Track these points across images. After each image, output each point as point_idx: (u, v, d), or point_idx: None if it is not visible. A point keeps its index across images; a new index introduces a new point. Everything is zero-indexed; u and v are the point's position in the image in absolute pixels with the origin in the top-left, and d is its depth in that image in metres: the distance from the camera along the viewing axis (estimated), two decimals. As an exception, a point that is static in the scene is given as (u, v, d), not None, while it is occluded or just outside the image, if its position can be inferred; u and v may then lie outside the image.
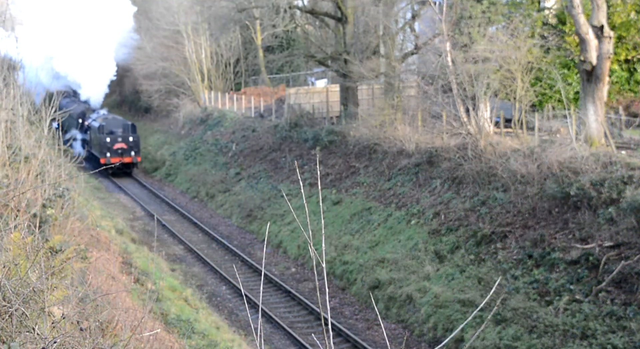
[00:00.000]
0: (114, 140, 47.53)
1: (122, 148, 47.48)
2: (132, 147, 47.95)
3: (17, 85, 14.27)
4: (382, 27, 38.56)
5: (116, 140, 47.53)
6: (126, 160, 47.63)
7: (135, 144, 48.25)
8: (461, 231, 24.93)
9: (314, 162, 36.57)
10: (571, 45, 31.76)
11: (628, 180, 21.09)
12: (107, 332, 7.57)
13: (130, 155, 47.82)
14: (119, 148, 47.47)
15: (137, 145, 48.39)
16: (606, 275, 19.29)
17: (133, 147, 48.05)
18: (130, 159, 47.87)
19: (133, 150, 48.00)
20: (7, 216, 9.29)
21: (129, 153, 47.76)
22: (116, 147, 47.47)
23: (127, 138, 47.86)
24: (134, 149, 48.04)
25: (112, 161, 46.37)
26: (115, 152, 47.30)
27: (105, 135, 47.68)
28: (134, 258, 21.44)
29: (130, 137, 48.01)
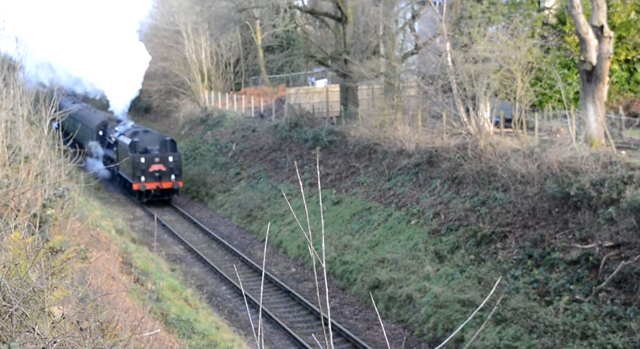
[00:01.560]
0: (150, 160, 39.13)
1: (160, 170, 39.16)
2: (172, 169, 39.37)
3: (17, 85, 14.27)
4: (382, 27, 38.56)
5: (153, 161, 39.15)
6: (165, 185, 39.23)
7: (176, 165, 39.64)
8: (461, 231, 24.93)
9: (314, 162, 36.57)
10: (571, 45, 31.76)
11: (628, 180, 21.09)
12: (107, 332, 7.57)
13: (169, 179, 39.24)
14: (156, 171, 39.16)
15: (178, 166, 39.75)
16: (606, 275, 19.29)
17: (173, 169, 39.41)
18: (170, 184, 39.23)
19: (173, 172, 39.37)
20: (7, 216, 9.29)
21: (168, 177, 39.21)
22: (153, 169, 39.08)
23: (166, 158, 39.41)
24: (174, 171, 39.42)
25: (147, 187, 38.87)
26: (152, 175, 39.07)
27: (139, 154, 39.39)
28: (134, 258, 21.44)
29: (170, 156, 39.49)
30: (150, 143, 39.96)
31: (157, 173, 39.11)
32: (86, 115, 53.24)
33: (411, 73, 38.80)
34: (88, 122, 50.76)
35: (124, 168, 41.07)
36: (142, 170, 38.91)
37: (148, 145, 39.77)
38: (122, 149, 41.34)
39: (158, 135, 41.85)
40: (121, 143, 41.83)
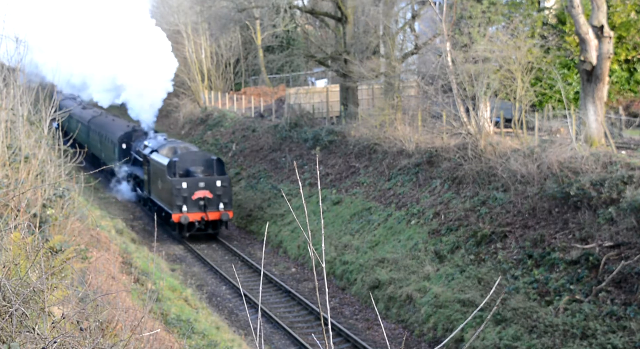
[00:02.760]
0: (193, 185, 32.14)
1: (206, 198, 32.12)
2: (220, 196, 32.27)
3: (17, 85, 14.27)
4: (382, 27, 38.57)
5: (197, 186, 32.20)
6: (212, 216, 32.13)
7: (225, 192, 32.52)
8: (461, 231, 24.93)
9: (314, 162, 36.57)
10: (571, 45, 31.77)
11: (628, 180, 21.09)
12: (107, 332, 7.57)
13: (217, 209, 32.26)
14: (200, 199, 32.19)
15: (227, 192, 32.64)
16: (606, 275, 19.29)
17: (222, 195, 32.32)
18: (218, 215, 32.24)
19: (222, 200, 32.27)
20: (7, 216, 9.29)
21: (215, 206, 32.21)
22: (197, 197, 32.13)
23: (212, 183, 32.30)
24: (222, 199, 32.32)
25: (191, 218, 32.00)
26: (196, 204, 32.13)
27: (180, 177, 32.58)
28: (134, 258, 21.44)
29: (217, 180, 32.40)
30: (192, 164, 33.16)
31: (202, 201, 32.06)
32: (104, 125, 46.83)
33: (411, 73, 38.81)
34: (107, 133, 44.65)
35: (158, 193, 34.30)
36: (183, 198, 31.91)
37: (190, 166, 32.99)
38: (157, 170, 34.20)
39: (201, 154, 34.70)
40: (155, 163, 34.52)
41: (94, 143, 48.10)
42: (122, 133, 42.21)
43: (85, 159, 54.37)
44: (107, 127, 46.02)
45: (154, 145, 36.35)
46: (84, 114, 52.46)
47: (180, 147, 35.55)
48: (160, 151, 34.93)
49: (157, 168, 34.21)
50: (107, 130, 45.24)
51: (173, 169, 32.62)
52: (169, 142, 36.82)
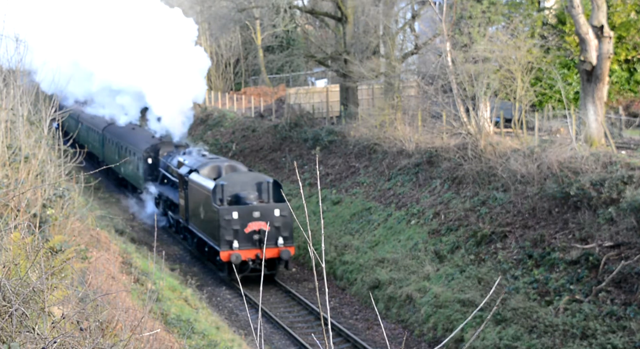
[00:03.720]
0: (246, 215, 25.83)
1: (262, 231, 25.86)
2: (278, 229, 26.06)
3: (17, 85, 14.27)
4: (382, 27, 38.59)
5: (250, 216, 25.86)
6: (269, 253, 26.15)
7: (286, 223, 26.17)
8: (461, 231, 24.93)
9: (314, 162, 36.57)
10: (571, 45, 31.77)
11: (628, 180, 21.09)
12: (107, 332, 7.57)
13: (275, 244, 26.00)
14: (255, 232, 25.83)
15: (287, 224, 26.24)
16: (606, 275, 19.29)
17: (281, 228, 26.09)
18: (277, 252, 25.93)
19: (281, 234, 26.09)
20: (7, 216, 9.29)
21: (273, 241, 26.00)
22: (251, 230, 25.80)
23: (269, 212, 26.02)
24: (282, 232, 26.12)
25: (243, 257, 25.52)
26: (249, 238, 25.78)
27: (229, 205, 26.36)
28: (134, 258, 21.44)
29: (275, 208, 26.16)
30: (243, 187, 26.80)
31: (257, 235, 25.82)
32: (122, 135, 40.97)
33: (411, 73, 38.82)
34: (128, 145, 38.82)
35: (200, 222, 28.10)
36: (234, 231, 25.64)
37: (240, 191, 26.65)
38: (198, 194, 28.03)
39: (253, 175, 28.12)
40: (196, 186, 28.32)
41: (110, 156, 42.93)
42: (147, 145, 36.11)
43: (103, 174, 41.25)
44: (127, 137, 39.95)
45: (192, 163, 30.00)
46: (97, 121, 46.48)
47: (225, 165, 28.86)
48: (201, 171, 28.48)
49: (198, 193, 27.91)
50: (128, 141, 39.26)
51: (220, 195, 26.32)
52: (210, 159, 30.20)
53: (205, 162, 29.56)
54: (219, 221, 25.74)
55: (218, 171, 28.72)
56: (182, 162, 31.50)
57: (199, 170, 28.73)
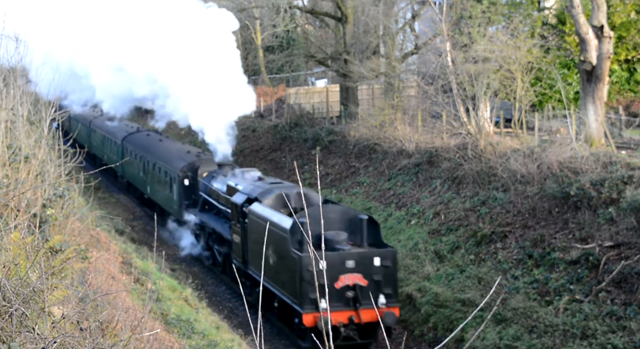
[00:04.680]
0: (336, 265, 19.19)
1: (358, 286, 19.42)
2: (378, 284, 19.58)
3: (17, 85, 14.27)
4: (382, 27, 38.60)
5: (342, 267, 19.32)
6: (367, 316, 19.35)
7: (388, 275, 19.79)
8: (461, 231, 24.94)
9: (314, 162, 36.57)
10: (571, 45, 31.77)
11: (628, 180, 21.09)
12: (107, 332, 7.57)
13: (376, 305, 19.69)
14: (349, 288, 19.44)
15: (391, 277, 19.91)
16: (606, 275, 19.29)
17: (382, 282, 19.62)
18: (378, 314, 19.32)
19: (382, 290, 19.58)
20: (7, 216, 9.29)
21: (367, 299, 19.32)
22: (342, 284, 19.38)
23: (367, 262, 19.52)
24: (383, 288, 19.62)
25: (334, 320, 19.03)
26: (341, 296, 19.31)
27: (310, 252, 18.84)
28: (134, 258, 21.44)
29: (375, 256, 19.60)
30: (329, 226, 19.87)
31: (351, 291, 19.32)
32: (149, 147, 35.29)
33: (411, 73, 38.82)
34: (158, 160, 33.00)
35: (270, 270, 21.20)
36: (320, 286, 17.76)
37: (327, 231, 19.75)
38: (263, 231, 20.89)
39: (341, 209, 20.99)
40: (259, 220, 21.50)
41: (133, 171, 37.94)
42: (183, 163, 30.07)
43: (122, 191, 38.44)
44: (154, 151, 34.27)
45: (249, 189, 23.50)
46: (114, 128, 41.68)
47: (294, 194, 21.89)
48: (264, 200, 21.93)
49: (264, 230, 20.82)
50: (156, 156, 33.44)
51: (300, 236, 19.26)
52: (272, 184, 23.72)
53: (267, 188, 22.99)
54: (301, 273, 18.99)
55: (286, 201, 21.80)
56: (233, 186, 25.13)
57: (261, 199, 21.98)
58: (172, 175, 30.88)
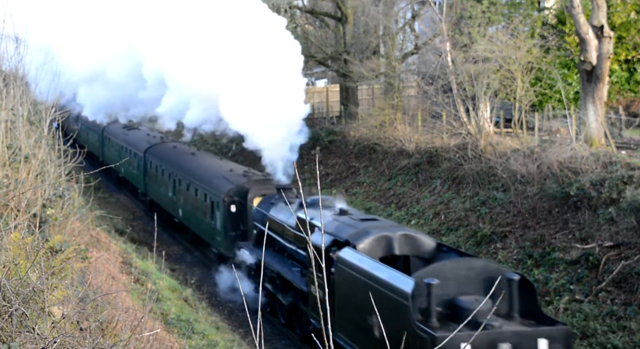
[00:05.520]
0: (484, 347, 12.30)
1: None
2: None
3: (17, 85, 14.27)
4: (382, 27, 38.60)
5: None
6: None
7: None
8: (461, 231, 24.94)
9: (313, 162, 36.57)
10: (571, 45, 31.77)
11: (628, 180, 21.09)
12: (107, 332, 7.58)
13: None
14: None
15: None
16: (606, 275, 19.29)
17: None
18: None
19: None
20: (7, 216, 9.29)
21: None
22: None
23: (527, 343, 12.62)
24: None
25: None
26: None
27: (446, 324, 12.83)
28: (134, 258, 21.44)
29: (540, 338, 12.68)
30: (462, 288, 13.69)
31: None
32: (182, 164, 29.87)
33: (411, 73, 38.82)
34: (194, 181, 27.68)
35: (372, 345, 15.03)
36: None
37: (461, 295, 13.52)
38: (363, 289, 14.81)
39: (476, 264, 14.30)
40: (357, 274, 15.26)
41: (158, 190, 32.61)
42: (230, 186, 24.62)
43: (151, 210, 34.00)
44: (188, 168, 28.94)
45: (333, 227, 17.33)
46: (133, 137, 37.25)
47: (398, 236, 15.98)
48: (359, 244, 15.91)
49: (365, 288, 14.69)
50: (192, 174, 28.11)
51: (425, 302, 13.27)
52: (363, 220, 17.44)
53: (360, 227, 16.74)
54: None
55: (388, 246, 16.00)
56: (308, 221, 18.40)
57: (355, 243, 15.97)
58: (214, 198, 25.18)
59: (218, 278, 24.69)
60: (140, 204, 37.68)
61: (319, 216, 18.11)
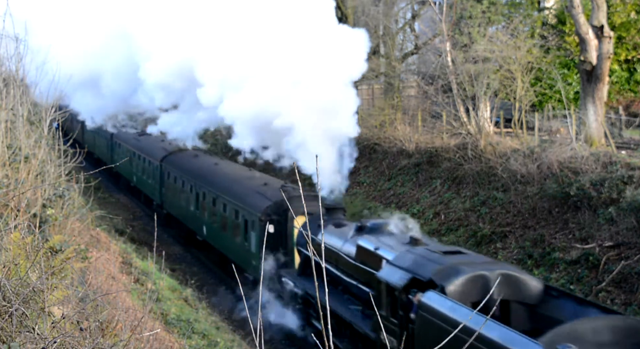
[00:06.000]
0: None
1: None
2: None
3: (17, 85, 14.27)
4: (382, 27, 38.58)
5: None
6: None
7: None
8: (461, 231, 24.94)
9: (314, 162, 36.56)
10: (571, 45, 31.76)
11: (628, 180, 21.09)
12: (107, 332, 7.57)
13: None
14: None
15: None
16: (606, 275, 19.29)
17: None
18: None
19: None
20: (7, 216, 9.29)
21: None
22: None
23: None
24: None
25: None
26: None
27: None
28: (134, 258, 21.44)
29: None
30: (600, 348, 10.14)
31: None
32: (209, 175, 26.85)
33: (411, 73, 38.82)
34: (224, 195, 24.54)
35: None
36: None
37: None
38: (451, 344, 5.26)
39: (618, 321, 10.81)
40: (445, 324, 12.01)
41: (178, 203, 29.81)
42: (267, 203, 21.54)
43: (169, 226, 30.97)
44: (215, 180, 26.12)
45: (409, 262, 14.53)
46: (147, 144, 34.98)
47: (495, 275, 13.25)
48: (448, 285, 13.04)
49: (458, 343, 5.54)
50: (220, 187, 25.20)
51: None
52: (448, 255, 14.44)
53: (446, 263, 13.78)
54: None
55: (483, 288, 13.10)
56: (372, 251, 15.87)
57: (442, 284, 13.05)
58: (247, 216, 22.24)
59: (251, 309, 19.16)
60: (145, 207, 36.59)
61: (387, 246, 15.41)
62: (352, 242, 17.02)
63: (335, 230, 18.40)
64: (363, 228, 17.36)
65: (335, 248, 17.62)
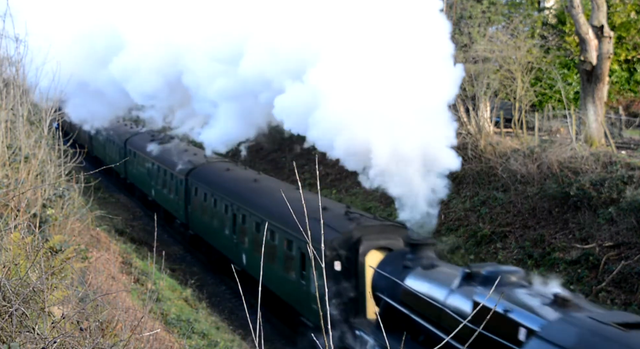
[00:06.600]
0: None
1: None
2: None
3: (17, 84, 14.27)
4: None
5: None
6: None
7: None
8: (461, 231, 24.94)
9: (313, 162, 36.56)
10: (571, 45, 31.77)
11: (628, 180, 21.10)
12: (107, 332, 7.57)
13: None
14: None
15: None
16: (606, 274, 19.29)
17: None
18: None
19: None
20: (7, 216, 9.29)
21: None
22: None
23: None
24: None
25: None
26: None
27: None
28: (134, 258, 21.45)
29: None
30: None
31: None
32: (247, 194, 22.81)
33: (411, 73, 38.79)
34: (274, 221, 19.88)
35: None
36: None
37: None
38: None
39: None
40: None
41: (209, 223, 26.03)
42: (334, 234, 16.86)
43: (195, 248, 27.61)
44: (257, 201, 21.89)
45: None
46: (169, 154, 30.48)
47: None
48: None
49: None
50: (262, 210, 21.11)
51: None
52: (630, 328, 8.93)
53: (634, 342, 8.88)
54: None
55: None
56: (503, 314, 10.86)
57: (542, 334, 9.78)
58: (304, 249, 18.00)
59: None
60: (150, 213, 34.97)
61: (522, 307, 10.80)
62: (461, 295, 12.32)
63: (427, 272, 13.80)
64: (473, 276, 12.44)
65: (436, 301, 12.71)
